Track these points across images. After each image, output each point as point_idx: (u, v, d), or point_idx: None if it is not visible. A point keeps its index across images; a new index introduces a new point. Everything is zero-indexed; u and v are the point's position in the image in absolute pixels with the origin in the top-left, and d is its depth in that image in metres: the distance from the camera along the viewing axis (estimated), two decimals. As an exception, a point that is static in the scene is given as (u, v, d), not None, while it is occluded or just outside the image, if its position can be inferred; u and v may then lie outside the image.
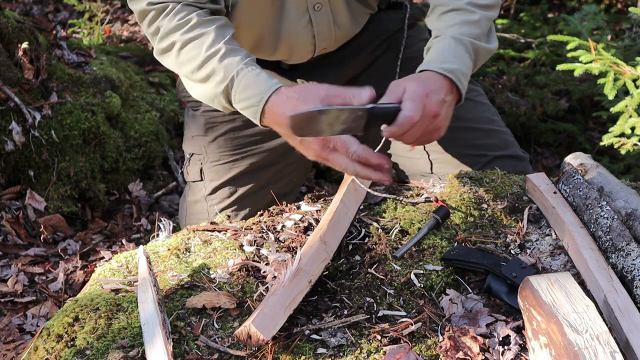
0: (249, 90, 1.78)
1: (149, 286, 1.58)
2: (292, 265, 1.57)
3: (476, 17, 1.91)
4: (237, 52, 1.84)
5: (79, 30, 4.68)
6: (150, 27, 1.93)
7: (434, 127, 1.74)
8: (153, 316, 1.49)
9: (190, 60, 1.87)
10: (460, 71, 1.81)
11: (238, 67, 1.81)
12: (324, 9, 2.07)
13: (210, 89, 1.86)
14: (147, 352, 1.43)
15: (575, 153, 1.97)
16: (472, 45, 1.88)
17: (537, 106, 4.15)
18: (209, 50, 1.84)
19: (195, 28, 1.87)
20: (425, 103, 1.70)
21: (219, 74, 1.82)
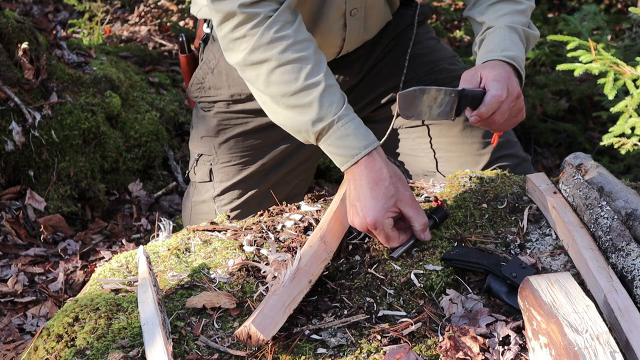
0: (347, 140, 1.75)
1: (149, 286, 1.58)
2: (292, 265, 1.57)
3: (523, 7, 1.98)
4: (336, 91, 1.79)
5: (79, 30, 4.68)
6: (234, 32, 1.80)
7: (518, 107, 1.82)
8: (153, 316, 1.49)
9: (285, 84, 1.77)
10: (520, 57, 1.88)
11: (340, 112, 1.76)
12: (358, 14, 2.09)
13: (301, 120, 1.78)
14: (147, 352, 1.43)
15: (575, 153, 1.97)
16: (524, 33, 1.95)
17: (537, 106, 4.15)
18: (308, 80, 1.76)
19: (293, 48, 1.77)
20: (509, 83, 1.77)
21: (315, 111, 1.76)
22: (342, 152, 1.76)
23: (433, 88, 1.73)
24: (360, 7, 2.08)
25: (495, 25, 1.95)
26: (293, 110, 1.78)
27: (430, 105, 1.74)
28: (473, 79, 1.79)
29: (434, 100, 1.74)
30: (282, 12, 1.78)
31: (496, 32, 1.93)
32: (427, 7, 2.44)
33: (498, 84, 1.75)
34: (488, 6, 2.00)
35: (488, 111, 1.76)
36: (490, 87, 1.75)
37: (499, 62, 1.85)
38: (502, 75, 1.78)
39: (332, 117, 1.75)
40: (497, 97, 1.74)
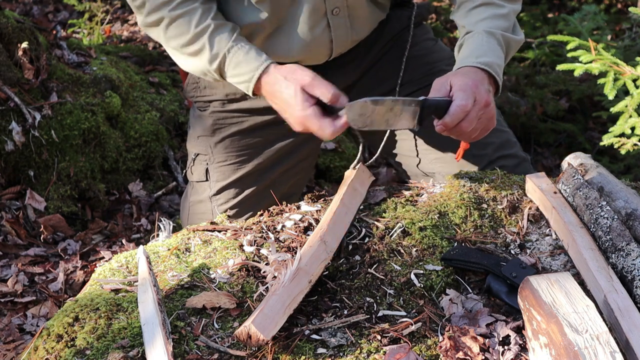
0: (240, 67, 1.92)
1: (149, 286, 1.58)
2: (292, 265, 1.57)
3: (505, 11, 1.97)
4: (225, 28, 1.96)
5: (79, 30, 4.68)
6: (135, 1, 2.00)
7: (487, 116, 1.81)
8: (153, 316, 1.49)
9: (179, 36, 1.97)
10: (496, 64, 1.88)
11: (228, 44, 1.93)
12: (342, 13, 2.08)
13: (201, 64, 1.97)
14: (147, 352, 1.43)
15: (575, 153, 1.97)
16: (503, 38, 1.94)
17: (537, 106, 4.15)
18: (198, 27, 1.95)
19: (182, 4, 1.96)
20: (476, 92, 1.77)
21: (209, 51, 1.94)
22: (242, 79, 1.92)
23: (389, 99, 1.72)
24: (342, 6, 2.08)
25: (474, 30, 1.94)
26: (193, 57, 1.97)
27: (385, 116, 1.73)
28: (443, 87, 1.80)
29: (390, 110, 1.73)
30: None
31: (474, 37, 1.92)
32: (424, 7, 2.43)
33: (464, 93, 1.75)
34: (469, 10, 1.99)
35: (453, 121, 1.76)
36: (456, 97, 1.75)
37: (473, 68, 1.84)
38: (469, 84, 1.77)
39: (223, 51, 1.92)
40: (462, 107, 1.74)
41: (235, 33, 1.96)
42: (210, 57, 1.94)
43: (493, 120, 1.85)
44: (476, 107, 1.76)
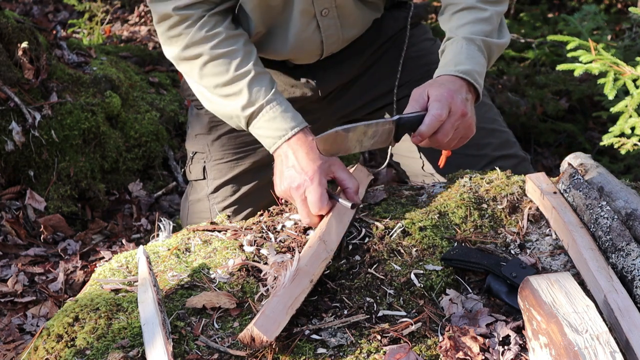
0: (275, 122, 1.89)
1: (149, 286, 1.58)
2: (291, 266, 1.57)
3: (487, 14, 1.95)
4: (265, 78, 1.93)
5: (79, 30, 4.68)
6: (170, 31, 1.94)
7: (465, 125, 1.81)
8: (153, 316, 1.49)
9: (217, 75, 1.92)
10: (475, 71, 1.87)
11: (268, 96, 1.90)
12: (331, 14, 2.08)
13: (232, 108, 1.93)
14: (147, 352, 1.43)
15: (575, 153, 1.97)
16: (484, 43, 1.92)
17: (537, 106, 4.15)
18: (239, 70, 1.91)
19: (224, 43, 1.93)
20: (451, 103, 1.76)
21: (247, 97, 1.90)
22: (271, 133, 1.89)
23: (361, 124, 1.73)
24: (331, 7, 2.07)
25: (454, 36, 1.94)
26: (225, 98, 1.93)
27: (359, 140, 1.74)
28: (421, 97, 1.80)
29: (364, 134, 1.74)
30: (214, 13, 1.94)
31: (453, 44, 1.92)
32: (422, 7, 2.43)
33: (439, 103, 1.75)
34: (452, 14, 1.99)
35: (429, 131, 1.76)
36: (431, 107, 1.76)
37: (451, 77, 1.84)
38: (444, 95, 1.77)
39: (261, 102, 1.90)
40: (437, 117, 1.74)
41: (275, 86, 1.94)
42: (246, 104, 1.91)
43: (471, 128, 1.85)
44: (452, 117, 1.77)
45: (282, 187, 1.86)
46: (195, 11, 1.92)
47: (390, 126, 1.74)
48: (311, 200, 1.79)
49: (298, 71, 2.25)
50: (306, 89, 2.26)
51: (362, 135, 1.73)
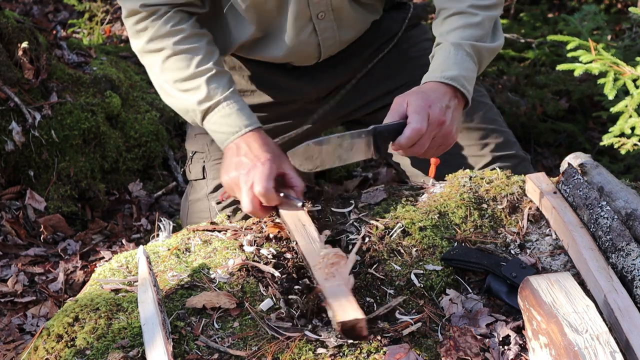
0: (229, 119, 1.92)
1: (149, 286, 1.58)
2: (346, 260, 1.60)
3: (478, 19, 1.95)
4: (225, 77, 1.97)
5: (79, 30, 4.68)
6: (137, 25, 1.99)
7: (443, 134, 1.82)
8: (153, 316, 1.49)
9: (178, 70, 1.96)
10: (462, 76, 1.87)
11: (225, 94, 1.94)
12: (327, 17, 2.08)
13: (189, 102, 1.96)
14: (147, 352, 1.43)
15: (575, 153, 1.97)
16: (473, 48, 1.92)
17: (537, 106, 4.15)
18: (199, 67, 1.95)
19: (187, 40, 1.97)
20: (429, 113, 1.77)
21: (204, 93, 1.94)
22: (225, 129, 1.92)
23: (334, 136, 1.73)
24: (327, 10, 2.08)
25: (443, 41, 1.94)
26: (184, 93, 1.96)
27: (336, 153, 1.74)
28: (400, 107, 1.81)
29: (339, 147, 1.74)
30: (179, 10, 1.98)
31: (442, 49, 1.93)
32: (421, 7, 2.43)
33: (418, 116, 1.76)
34: (443, 19, 1.99)
35: (407, 144, 1.77)
36: (411, 120, 1.76)
37: (437, 84, 1.85)
38: (422, 105, 1.78)
39: (218, 98, 1.93)
40: (417, 131, 1.76)
41: (234, 87, 1.98)
42: (203, 99, 1.94)
43: (450, 136, 1.85)
44: (429, 127, 1.78)
45: (230, 174, 1.87)
46: (162, 6, 1.96)
47: (367, 137, 1.74)
48: (259, 180, 1.79)
49: (297, 72, 2.25)
50: (305, 90, 2.26)
51: (338, 148, 1.73)
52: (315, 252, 1.65)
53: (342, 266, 1.58)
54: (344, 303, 1.48)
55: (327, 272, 1.57)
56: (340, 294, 1.51)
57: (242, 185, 1.83)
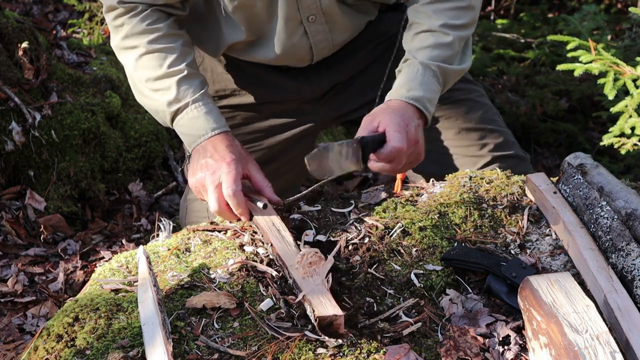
0: (197, 121, 1.93)
1: (149, 286, 1.58)
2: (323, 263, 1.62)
3: (449, 40, 1.96)
4: (196, 79, 1.97)
5: (79, 30, 4.68)
6: (115, 21, 1.99)
7: (416, 152, 1.85)
8: (153, 316, 1.49)
9: (150, 69, 1.96)
10: (426, 98, 1.89)
11: (195, 96, 1.94)
12: (318, 20, 2.08)
13: (159, 102, 1.96)
14: (147, 352, 1.43)
15: (575, 153, 1.97)
16: (440, 70, 1.93)
17: (537, 106, 4.15)
18: (171, 68, 1.95)
19: (162, 39, 1.97)
20: (407, 131, 1.80)
21: (174, 94, 1.94)
22: (193, 132, 1.93)
23: (335, 143, 1.76)
24: (318, 13, 2.07)
25: (411, 58, 1.95)
26: (155, 93, 1.96)
27: (338, 160, 1.77)
28: (371, 125, 1.82)
29: (339, 154, 1.76)
30: (156, 9, 1.98)
31: (409, 67, 1.93)
32: None
33: (399, 135, 1.77)
34: (414, 35, 1.99)
35: (386, 159, 1.79)
36: (391, 138, 1.77)
37: (402, 103, 1.86)
38: (402, 124, 1.79)
39: (187, 100, 1.93)
40: (399, 150, 1.77)
41: (205, 88, 1.98)
42: (172, 100, 1.94)
43: (421, 155, 1.87)
44: (407, 146, 1.80)
45: (196, 176, 1.88)
46: (139, 4, 1.96)
47: (357, 146, 1.77)
48: (226, 181, 1.81)
49: (291, 72, 2.24)
50: (301, 90, 2.26)
51: (338, 156, 1.76)
52: (291, 254, 1.67)
53: (320, 266, 1.59)
54: (322, 300, 1.50)
55: (305, 272, 1.59)
56: (319, 292, 1.53)
57: (208, 186, 1.84)
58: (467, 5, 2.00)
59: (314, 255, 1.62)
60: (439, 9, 1.98)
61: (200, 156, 1.90)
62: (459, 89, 2.30)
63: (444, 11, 1.98)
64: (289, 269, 1.63)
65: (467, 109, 2.30)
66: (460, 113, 2.29)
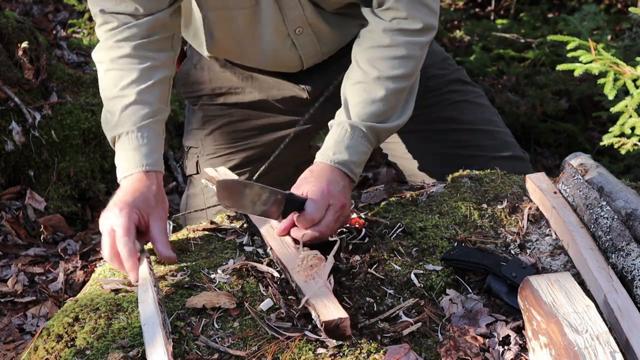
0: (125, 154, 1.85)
1: (149, 286, 1.58)
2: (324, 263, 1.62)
3: (381, 94, 1.86)
4: (142, 108, 1.87)
5: (79, 30, 4.68)
6: (97, 30, 1.96)
7: (344, 214, 1.78)
8: (153, 316, 1.49)
9: (107, 88, 1.90)
10: (352, 162, 1.83)
11: (130, 127, 1.85)
12: (305, 32, 2.06)
13: (106, 125, 1.90)
14: (148, 352, 1.43)
15: (575, 153, 1.97)
16: (371, 130, 1.86)
17: (537, 106, 4.15)
18: (121, 91, 1.87)
19: (122, 59, 1.89)
20: (329, 197, 1.74)
21: (115, 119, 1.87)
22: (120, 163, 1.86)
23: (257, 185, 1.74)
24: (304, 25, 2.04)
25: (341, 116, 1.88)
26: (107, 113, 1.90)
27: (253, 201, 1.74)
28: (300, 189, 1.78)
29: (258, 197, 1.73)
30: (133, 26, 1.89)
31: (337, 128, 1.86)
32: None
33: (314, 204, 1.72)
34: (351, 85, 1.91)
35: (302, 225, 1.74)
36: (307, 206, 1.73)
37: (328, 166, 1.82)
38: (323, 192, 1.75)
39: (121, 130, 1.85)
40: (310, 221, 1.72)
41: (149, 119, 1.86)
42: (112, 126, 1.87)
43: (349, 215, 1.82)
44: (331, 210, 1.74)
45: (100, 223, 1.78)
46: (116, 19, 1.90)
47: (282, 199, 1.74)
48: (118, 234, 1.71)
49: (286, 73, 2.24)
50: (295, 92, 2.26)
51: (256, 197, 1.73)
52: (291, 256, 1.67)
53: (321, 268, 1.59)
54: (327, 303, 1.49)
55: (307, 275, 1.59)
56: (322, 295, 1.52)
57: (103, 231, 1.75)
58: (406, 54, 1.89)
59: (314, 257, 1.62)
60: (375, 57, 1.89)
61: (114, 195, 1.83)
62: (457, 90, 2.30)
63: (382, 60, 1.88)
64: (291, 272, 1.62)
65: (464, 110, 2.30)
66: (457, 115, 2.29)
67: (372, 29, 1.92)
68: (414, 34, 1.89)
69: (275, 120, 2.31)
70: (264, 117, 2.31)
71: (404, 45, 1.88)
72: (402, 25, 1.89)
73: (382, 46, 1.89)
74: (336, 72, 2.25)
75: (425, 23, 1.89)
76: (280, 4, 1.98)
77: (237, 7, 1.98)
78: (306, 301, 1.52)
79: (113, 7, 1.89)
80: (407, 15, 1.88)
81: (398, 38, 1.88)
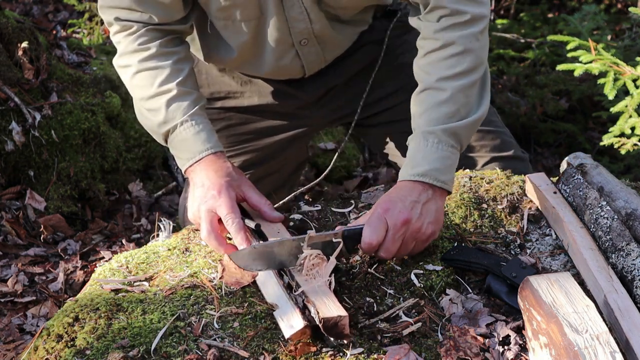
0: (185, 144, 1.88)
1: None
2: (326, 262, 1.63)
3: (446, 95, 1.80)
4: (187, 97, 1.91)
5: (79, 30, 4.68)
6: (114, 37, 1.99)
7: (413, 231, 1.69)
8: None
9: (142, 88, 1.93)
10: (434, 169, 1.75)
11: (183, 117, 1.88)
12: (310, 43, 2.05)
13: (151, 122, 1.93)
14: None
15: (575, 153, 1.97)
16: (445, 132, 1.78)
17: (537, 106, 4.16)
18: (161, 87, 1.91)
19: (152, 59, 1.93)
20: (387, 218, 1.67)
21: (163, 115, 1.89)
22: (183, 155, 1.88)
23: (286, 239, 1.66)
24: (310, 37, 2.04)
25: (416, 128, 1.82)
26: (149, 112, 1.93)
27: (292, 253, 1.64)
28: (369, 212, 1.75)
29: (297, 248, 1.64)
30: (152, 29, 1.94)
31: (413, 141, 1.81)
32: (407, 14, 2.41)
33: (369, 228, 1.67)
34: (416, 96, 1.85)
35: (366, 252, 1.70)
36: (363, 233, 1.68)
37: (409, 183, 1.74)
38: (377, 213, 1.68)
39: (175, 122, 1.88)
40: (368, 245, 1.67)
41: (197, 106, 1.91)
42: (162, 121, 1.90)
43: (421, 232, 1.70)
44: (391, 231, 1.67)
45: (193, 209, 1.80)
46: (134, 23, 1.93)
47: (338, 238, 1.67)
48: (222, 214, 1.74)
49: (285, 80, 2.24)
50: (296, 95, 2.26)
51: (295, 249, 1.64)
52: None
53: (323, 267, 1.59)
54: (326, 301, 1.50)
55: (308, 273, 1.59)
56: (323, 293, 1.53)
57: (203, 221, 1.76)
58: (463, 49, 1.82)
59: (316, 257, 1.62)
60: (433, 60, 1.83)
61: (195, 185, 1.84)
62: None
63: (438, 62, 1.83)
64: (291, 271, 1.62)
65: None
66: None
67: (424, 35, 1.88)
68: (464, 27, 1.84)
69: (274, 123, 2.31)
70: (263, 121, 2.30)
71: (457, 41, 1.83)
72: (450, 21, 1.84)
73: (436, 49, 1.84)
74: (335, 75, 2.25)
75: (472, 13, 1.83)
76: (288, 16, 1.98)
77: (243, 18, 1.98)
78: (306, 298, 1.52)
79: (127, 15, 1.93)
80: (452, 10, 1.84)
81: (450, 35, 1.83)
